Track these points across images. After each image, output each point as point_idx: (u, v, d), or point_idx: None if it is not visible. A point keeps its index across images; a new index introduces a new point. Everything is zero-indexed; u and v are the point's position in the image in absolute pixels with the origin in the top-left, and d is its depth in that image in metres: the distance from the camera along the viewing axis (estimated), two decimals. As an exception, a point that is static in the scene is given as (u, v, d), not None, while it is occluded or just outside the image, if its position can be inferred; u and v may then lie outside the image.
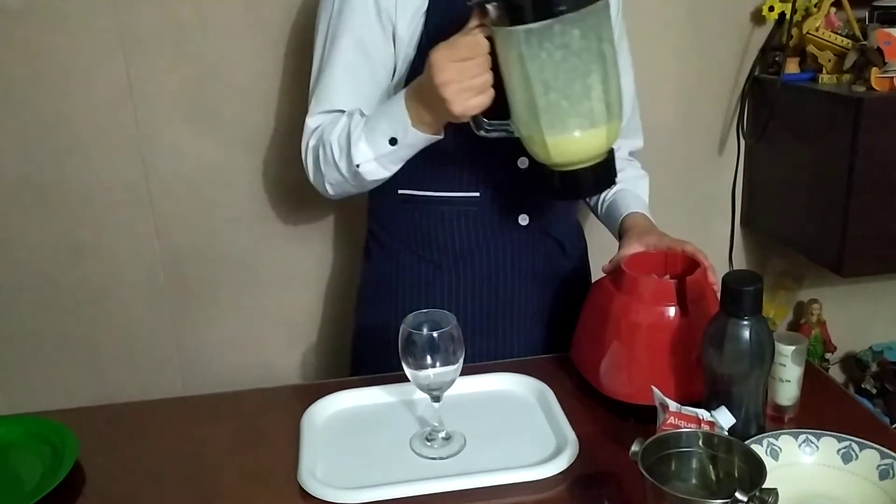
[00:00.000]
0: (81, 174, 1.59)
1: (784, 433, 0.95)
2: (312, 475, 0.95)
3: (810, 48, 1.67)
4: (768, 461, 0.83)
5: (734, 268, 1.91)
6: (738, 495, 0.74)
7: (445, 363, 0.96)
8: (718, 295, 0.96)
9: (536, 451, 1.00)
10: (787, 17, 1.67)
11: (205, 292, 1.72)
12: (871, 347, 2.02)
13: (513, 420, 1.08)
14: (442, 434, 1.02)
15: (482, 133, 1.02)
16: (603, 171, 1.02)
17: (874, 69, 1.52)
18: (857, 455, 0.93)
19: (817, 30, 1.64)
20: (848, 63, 1.60)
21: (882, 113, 1.49)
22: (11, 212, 1.60)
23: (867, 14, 1.63)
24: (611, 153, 1.03)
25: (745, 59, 1.77)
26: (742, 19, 1.75)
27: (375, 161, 1.09)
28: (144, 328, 1.71)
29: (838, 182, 1.54)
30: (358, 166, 1.10)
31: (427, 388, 0.99)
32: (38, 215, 1.60)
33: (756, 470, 0.80)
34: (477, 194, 1.19)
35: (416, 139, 1.06)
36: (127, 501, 0.96)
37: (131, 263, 1.66)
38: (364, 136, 1.08)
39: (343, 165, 1.12)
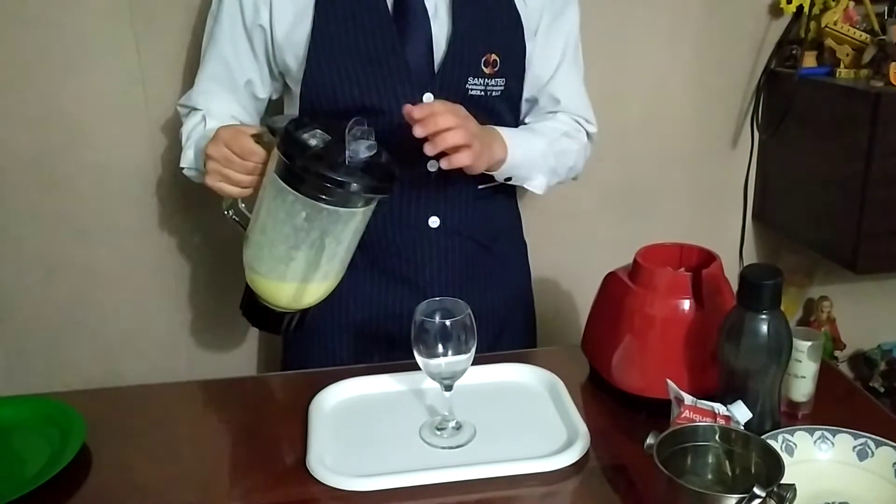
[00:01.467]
0: (89, 157, 1.58)
1: (799, 429, 0.94)
2: (321, 462, 0.94)
3: (828, 42, 1.65)
4: (783, 457, 0.81)
5: (745, 263, 1.89)
6: (756, 490, 0.73)
7: (458, 352, 0.95)
8: (734, 287, 0.95)
9: (547, 443, 0.99)
10: (805, 10, 1.65)
11: (211, 277, 1.71)
12: (879, 346, 2.01)
13: (523, 411, 1.07)
14: (452, 423, 1.01)
15: (224, 211, 1.11)
16: (279, 321, 1.12)
17: (893, 64, 1.51)
18: (872, 452, 0.92)
19: (835, 24, 1.62)
20: (866, 58, 1.58)
21: (900, 109, 1.47)
22: (17, 193, 1.58)
23: (886, 9, 1.61)
24: (301, 313, 1.12)
25: (761, 52, 1.75)
26: (759, 12, 1.73)
27: (195, 171, 1.20)
28: (150, 312, 1.70)
29: (854, 178, 1.52)
30: (182, 169, 1.22)
31: (438, 377, 0.98)
32: (45, 198, 1.59)
33: (774, 466, 0.79)
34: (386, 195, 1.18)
35: None
36: (133, 484, 0.95)
37: (137, 247, 1.65)
38: (193, 147, 1.20)
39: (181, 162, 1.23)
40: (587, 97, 1.34)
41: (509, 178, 1.23)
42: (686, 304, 1.02)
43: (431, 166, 1.19)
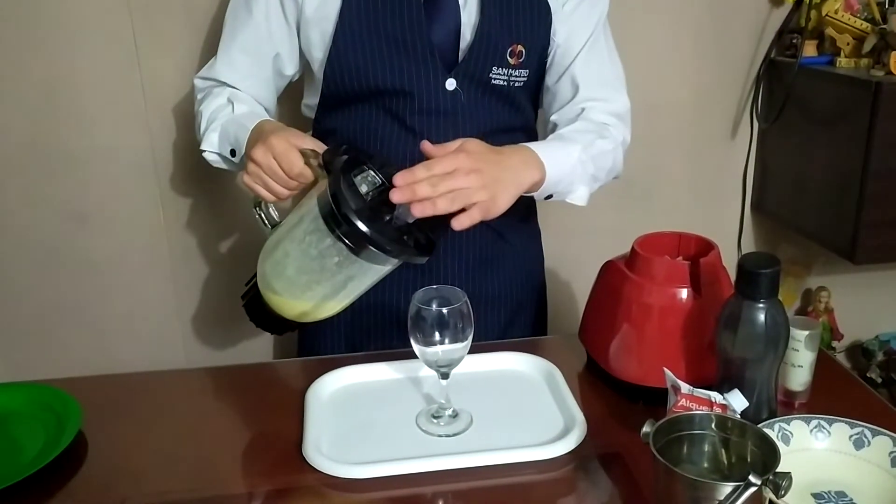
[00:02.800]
0: (86, 142, 1.57)
1: (796, 418, 0.94)
2: (318, 450, 0.94)
3: (829, 31, 1.64)
4: (779, 446, 0.81)
5: (743, 252, 1.89)
6: (751, 478, 0.73)
7: (454, 340, 0.95)
8: (732, 277, 0.95)
9: (544, 431, 0.99)
10: (806, -1, 1.64)
11: (209, 263, 1.70)
12: (877, 337, 2.01)
13: (520, 399, 1.07)
14: (449, 411, 1.01)
15: (253, 206, 1.09)
16: (281, 326, 1.12)
17: (893, 54, 1.50)
18: (869, 441, 0.92)
19: (836, 12, 1.61)
20: (867, 47, 1.58)
21: (900, 98, 1.47)
22: (16, 179, 1.58)
23: (887, -3, 1.61)
24: (300, 324, 1.11)
25: (761, 41, 1.75)
26: (759, 1, 1.72)
27: (217, 155, 1.18)
28: (148, 298, 1.70)
29: (853, 168, 1.52)
30: (203, 151, 1.18)
31: (435, 365, 0.98)
32: (41, 183, 1.59)
33: (769, 454, 0.78)
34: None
35: (244, 164, 1.09)
36: (130, 471, 0.95)
37: (135, 233, 1.65)
38: (219, 130, 1.16)
39: (198, 137, 1.19)
40: (618, 77, 1.27)
41: (550, 196, 1.15)
42: (684, 293, 1.01)
43: None
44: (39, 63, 1.52)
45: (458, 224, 0.96)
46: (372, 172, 0.97)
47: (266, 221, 1.08)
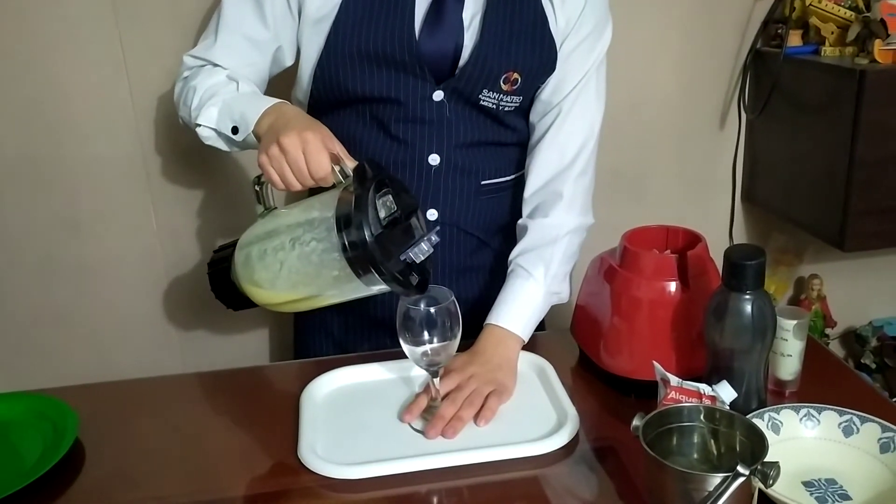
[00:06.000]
0: (77, 150, 1.57)
1: (785, 407, 0.95)
2: (313, 451, 0.95)
3: (813, 20, 1.65)
4: (769, 435, 0.82)
5: (735, 243, 1.90)
6: (739, 468, 0.74)
7: (443, 338, 0.96)
8: (720, 269, 0.96)
9: (536, 427, 1.00)
10: (790, -12, 1.65)
11: (203, 268, 1.71)
12: (870, 323, 2.02)
13: (513, 395, 1.07)
14: (441, 409, 1.02)
15: (253, 182, 1.05)
16: (243, 305, 1.10)
17: (878, 41, 1.51)
18: (858, 429, 0.93)
19: (820, 2, 1.62)
20: (851, 35, 1.58)
21: (885, 86, 1.47)
22: (7, 188, 1.58)
23: (870, -15, 1.61)
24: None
25: (746, 31, 1.75)
26: (744, -9, 1.73)
27: (214, 132, 1.11)
28: (142, 304, 1.71)
29: (840, 156, 1.53)
30: (198, 125, 1.12)
31: (425, 364, 0.98)
32: (33, 192, 1.59)
33: (758, 444, 0.79)
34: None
35: (249, 143, 1.07)
36: (127, 478, 0.96)
37: (129, 240, 1.65)
38: (220, 105, 1.10)
39: (193, 115, 1.13)
40: (596, 120, 1.23)
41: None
42: (672, 286, 1.02)
43: (433, 160, 1.19)
44: (28, 73, 1.51)
45: (485, 420, 1.01)
46: (391, 197, 0.96)
47: (262, 200, 1.05)
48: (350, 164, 0.96)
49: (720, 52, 1.77)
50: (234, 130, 1.08)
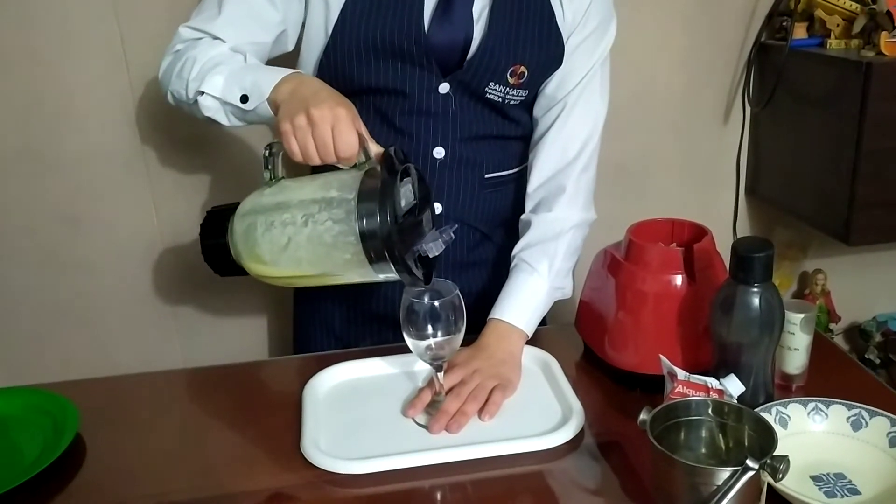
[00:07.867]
0: (77, 144, 1.57)
1: (793, 401, 0.94)
2: (316, 446, 0.94)
3: (818, 13, 1.64)
4: (777, 430, 0.81)
5: (738, 237, 1.89)
6: (748, 462, 0.73)
7: (447, 332, 0.95)
8: (726, 262, 0.95)
9: (542, 421, 0.99)
10: (795, -19, 1.63)
11: (204, 262, 1.70)
12: (875, 318, 2.01)
13: (518, 390, 1.06)
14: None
15: (265, 149, 0.99)
16: (232, 272, 1.04)
17: (884, 34, 1.49)
18: (866, 423, 0.92)
19: (825, -6, 1.61)
20: (857, 28, 1.57)
21: (891, 78, 1.46)
22: (7, 182, 1.57)
23: (876, -23, 1.60)
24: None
25: (751, 24, 1.74)
26: (749, -16, 1.72)
27: (219, 101, 1.05)
28: (143, 299, 1.70)
29: (846, 149, 1.52)
30: (201, 94, 1.05)
31: (429, 358, 0.98)
32: (34, 186, 1.58)
33: (766, 438, 0.79)
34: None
35: (260, 113, 1.02)
36: (128, 473, 0.95)
37: (129, 234, 1.65)
38: (227, 74, 1.04)
39: (192, 87, 1.06)
40: (599, 115, 1.22)
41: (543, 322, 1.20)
42: (678, 280, 1.01)
43: (437, 153, 1.18)
44: (29, 68, 1.51)
45: (489, 415, 1.01)
46: (411, 187, 0.94)
47: (270, 167, 0.99)
48: (374, 147, 0.93)
49: (724, 46, 1.76)
50: (244, 100, 1.02)
